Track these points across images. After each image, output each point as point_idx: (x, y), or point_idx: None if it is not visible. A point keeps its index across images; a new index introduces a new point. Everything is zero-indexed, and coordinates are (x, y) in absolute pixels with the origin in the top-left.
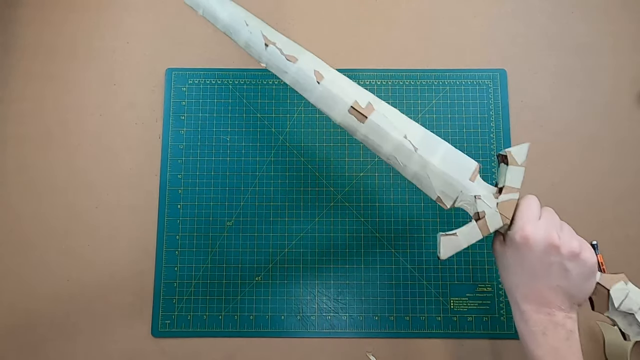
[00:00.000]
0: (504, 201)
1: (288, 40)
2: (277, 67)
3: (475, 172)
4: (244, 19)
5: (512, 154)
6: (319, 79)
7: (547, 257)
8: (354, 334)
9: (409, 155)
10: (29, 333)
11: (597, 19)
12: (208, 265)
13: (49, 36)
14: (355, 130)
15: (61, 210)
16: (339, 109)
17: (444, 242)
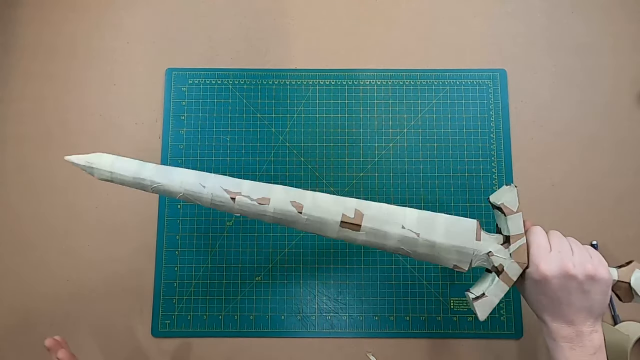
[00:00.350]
0: (515, 249)
1: (252, 184)
2: (253, 213)
3: (478, 230)
4: (198, 183)
5: (506, 205)
6: (299, 209)
7: (566, 286)
8: (354, 334)
9: (414, 243)
10: (29, 333)
11: (597, 19)
12: (208, 265)
13: (49, 36)
14: (355, 239)
15: (61, 210)
16: (331, 228)
17: (478, 306)
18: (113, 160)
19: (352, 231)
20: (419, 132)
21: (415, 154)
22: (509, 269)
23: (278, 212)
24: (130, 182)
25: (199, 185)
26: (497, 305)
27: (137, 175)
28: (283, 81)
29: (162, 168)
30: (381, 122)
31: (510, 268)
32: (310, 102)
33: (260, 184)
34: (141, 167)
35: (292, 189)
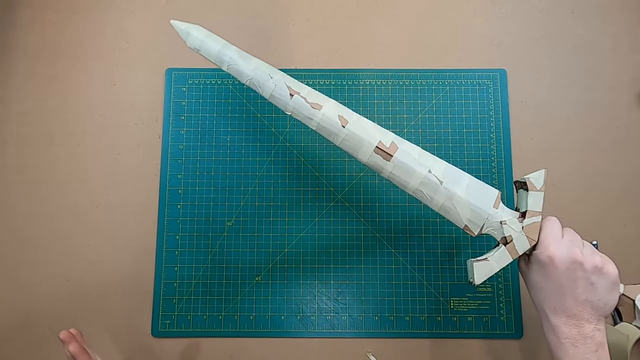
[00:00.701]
0: (528, 224)
1: (311, 90)
2: (303, 115)
3: (498, 199)
4: (267, 73)
5: (531, 180)
6: (343, 123)
7: (572, 273)
8: (354, 334)
9: (435, 189)
10: (28, 333)
11: (597, 19)
12: (208, 265)
13: (50, 37)
14: (382, 169)
15: (61, 210)
16: (365, 150)
17: (477, 268)
18: (207, 33)
19: (383, 159)
20: (419, 132)
21: None
22: (517, 241)
23: (325, 119)
24: (214, 54)
25: (268, 75)
26: (497, 305)
27: (222, 50)
28: None
29: (243, 53)
30: (381, 122)
31: (519, 240)
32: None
33: (319, 93)
34: (227, 45)
35: (344, 107)
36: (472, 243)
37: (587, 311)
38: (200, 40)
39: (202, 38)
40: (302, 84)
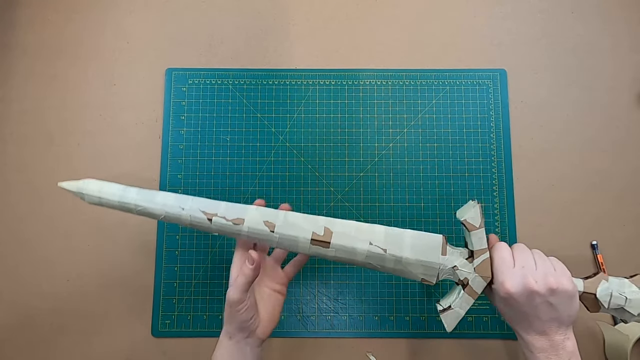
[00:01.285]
0: (478, 264)
1: (228, 205)
2: (229, 233)
3: (444, 245)
4: (177, 205)
5: (468, 221)
6: (271, 228)
7: (531, 301)
8: (354, 334)
9: (382, 258)
10: (28, 333)
11: (597, 19)
12: (208, 265)
13: (50, 36)
14: (325, 255)
15: (61, 210)
16: (302, 245)
17: (445, 318)
18: (100, 186)
19: (323, 248)
20: (419, 132)
21: (415, 154)
22: (473, 282)
23: (252, 231)
24: (116, 205)
25: (179, 208)
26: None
27: (122, 200)
28: (283, 81)
29: (145, 192)
30: (381, 122)
31: (475, 282)
32: (310, 102)
33: (236, 205)
34: (125, 191)
35: (266, 209)
36: None
37: (555, 325)
38: (98, 197)
39: (97, 191)
40: (217, 202)
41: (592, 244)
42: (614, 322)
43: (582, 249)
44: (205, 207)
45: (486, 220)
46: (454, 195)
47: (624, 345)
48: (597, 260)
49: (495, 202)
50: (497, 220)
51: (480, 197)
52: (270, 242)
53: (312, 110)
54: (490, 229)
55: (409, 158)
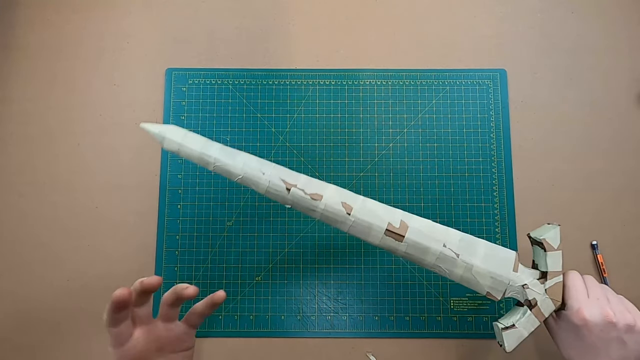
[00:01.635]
0: (550, 286)
1: (308, 179)
2: (304, 207)
3: (516, 261)
4: (259, 169)
5: (547, 241)
6: (348, 210)
7: (606, 334)
8: (354, 334)
9: (453, 262)
10: (28, 333)
11: (597, 19)
12: (208, 265)
13: (50, 37)
14: (396, 250)
15: (61, 210)
16: (375, 234)
17: (507, 336)
18: (184, 134)
19: (395, 241)
20: (419, 132)
21: (415, 154)
22: (542, 304)
23: (328, 209)
24: (196, 156)
25: (259, 171)
26: (497, 305)
27: (203, 151)
28: (283, 81)
29: (227, 149)
30: (381, 122)
31: (544, 304)
32: (310, 102)
33: (316, 180)
34: (208, 144)
35: (345, 190)
36: None
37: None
38: (178, 143)
39: (179, 140)
40: (297, 173)
41: (592, 244)
42: None
43: (582, 249)
44: (286, 176)
45: (486, 220)
46: (454, 195)
47: None
48: (597, 260)
49: (495, 202)
50: (497, 220)
51: (480, 197)
52: (343, 224)
53: (312, 110)
54: (490, 229)
55: (409, 158)
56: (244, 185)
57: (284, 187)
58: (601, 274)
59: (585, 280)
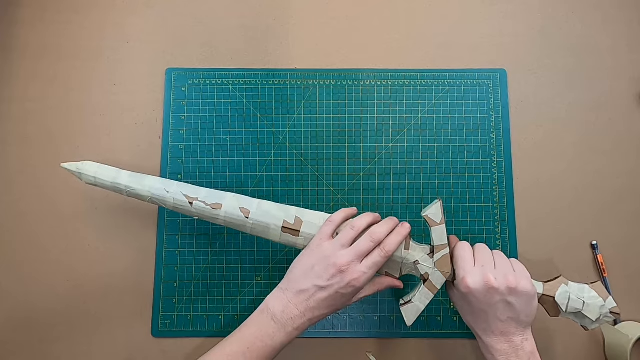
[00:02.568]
0: (439, 259)
1: (208, 191)
2: (208, 216)
3: (407, 240)
4: (163, 188)
5: (429, 217)
6: (246, 214)
7: (490, 298)
8: (354, 334)
9: None
10: (29, 333)
11: (597, 19)
12: (208, 265)
13: (51, 37)
14: (294, 244)
15: (61, 210)
16: (273, 233)
17: (405, 311)
18: (97, 167)
19: (292, 236)
20: (419, 132)
21: (415, 154)
22: (433, 277)
23: (228, 216)
24: (109, 186)
25: (164, 191)
26: None
27: (115, 181)
28: (283, 81)
29: (135, 175)
30: (381, 122)
31: (435, 276)
32: (310, 102)
33: (215, 191)
34: (118, 173)
35: (242, 196)
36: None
37: (513, 326)
38: (94, 176)
39: (93, 173)
40: (198, 187)
41: (592, 244)
42: (614, 322)
43: (582, 249)
44: (188, 191)
45: (486, 220)
46: (454, 195)
47: (624, 345)
48: (597, 260)
49: (495, 202)
50: (497, 220)
51: (480, 197)
52: (245, 227)
53: (312, 110)
54: (490, 229)
55: (409, 158)
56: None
57: (187, 201)
58: (601, 274)
59: (475, 249)
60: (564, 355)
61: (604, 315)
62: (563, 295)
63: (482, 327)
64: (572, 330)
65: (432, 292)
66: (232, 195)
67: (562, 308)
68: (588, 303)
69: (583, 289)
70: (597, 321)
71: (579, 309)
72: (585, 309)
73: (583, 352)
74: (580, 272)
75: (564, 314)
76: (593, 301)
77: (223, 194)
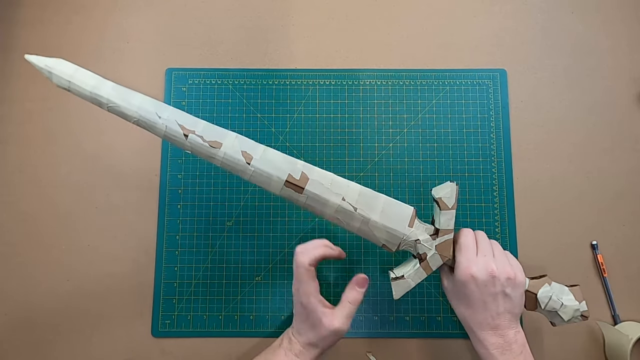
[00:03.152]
0: (441, 242)
1: (207, 125)
2: (203, 154)
3: (413, 217)
4: (154, 112)
5: (443, 200)
6: (248, 160)
7: (490, 288)
8: (354, 334)
9: (351, 215)
10: (29, 333)
11: (597, 19)
12: (208, 265)
13: (51, 37)
14: (296, 200)
15: (61, 210)
16: (275, 185)
17: (395, 286)
18: (74, 70)
19: (295, 192)
20: (419, 132)
21: (415, 154)
22: (431, 259)
23: (228, 158)
24: (87, 95)
25: (155, 115)
26: None
27: (95, 91)
28: (283, 81)
29: (122, 89)
30: (381, 122)
31: (433, 258)
32: (310, 102)
33: (217, 127)
34: (101, 83)
35: (247, 139)
36: None
37: (507, 319)
38: (68, 80)
39: (68, 76)
40: (197, 119)
41: (592, 244)
42: (614, 322)
43: (582, 249)
44: (184, 121)
45: (486, 220)
46: None
47: (624, 345)
48: (597, 260)
49: (495, 202)
50: (497, 220)
51: (480, 197)
52: (243, 174)
53: (312, 110)
54: (490, 229)
55: (409, 158)
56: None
57: (181, 132)
58: (601, 274)
59: (476, 236)
60: (564, 355)
61: (575, 317)
62: (545, 295)
63: (478, 320)
64: (572, 330)
65: (426, 272)
66: (235, 135)
67: (542, 305)
68: (565, 305)
69: (563, 290)
70: (568, 321)
71: (556, 308)
72: (562, 309)
73: (583, 352)
74: (580, 272)
75: (540, 310)
76: (570, 303)
77: (225, 132)
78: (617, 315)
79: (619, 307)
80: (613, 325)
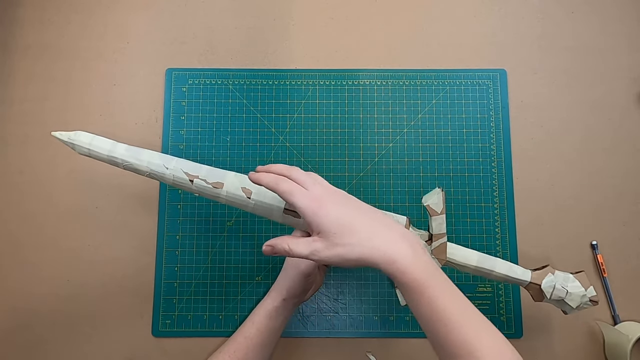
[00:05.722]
0: (436, 247)
1: (209, 169)
2: (209, 194)
3: (407, 226)
4: (162, 164)
5: (430, 206)
6: (248, 194)
7: None
8: (354, 334)
9: None
10: (29, 333)
11: (597, 19)
12: (208, 265)
13: (51, 37)
14: (297, 225)
15: (61, 210)
16: (276, 214)
17: (399, 293)
18: (91, 138)
19: (295, 218)
20: (419, 132)
21: (415, 154)
22: None
23: (230, 195)
24: (105, 158)
25: (163, 167)
26: (497, 305)
27: (111, 154)
28: (283, 81)
29: (133, 149)
30: (381, 122)
31: None
32: (310, 102)
33: (217, 169)
34: (114, 146)
35: (244, 176)
36: (472, 243)
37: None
38: (87, 148)
39: (88, 143)
40: (199, 165)
41: (592, 244)
42: (614, 322)
43: (582, 249)
44: (188, 168)
45: (486, 220)
46: (454, 195)
47: (624, 345)
48: (597, 260)
49: (495, 202)
50: (497, 220)
51: (480, 197)
52: (246, 207)
53: (312, 110)
54: (490, 229)
55: (409, 158)
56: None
57: (187, 178)
58: (601, 274)
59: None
60: (564, 355)
61: (584, 304)
62: (549, 284)
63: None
64: (572, 330)
65: None
66: (234, 174)
67: (547, 295)
68: (571, 292)
69: (568, 278)
70: (577, 308)
71: (562, 297)
72: (568, 297)
73: (583, 352)
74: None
75: (547, 300)
76: (575, 290)
77: (224, 173)
78: (617, 315)
79: (618, 307)
80: (613, 325)
